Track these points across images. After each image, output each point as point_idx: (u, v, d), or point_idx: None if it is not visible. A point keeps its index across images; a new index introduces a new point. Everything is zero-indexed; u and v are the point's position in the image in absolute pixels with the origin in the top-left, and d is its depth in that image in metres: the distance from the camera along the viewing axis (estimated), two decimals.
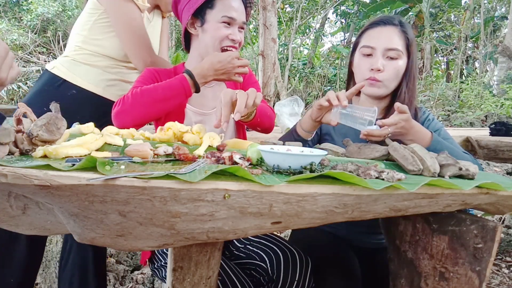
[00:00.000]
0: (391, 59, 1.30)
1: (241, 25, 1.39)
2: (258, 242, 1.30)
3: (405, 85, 1.33)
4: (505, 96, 7.92)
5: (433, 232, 0.95)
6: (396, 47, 1.30)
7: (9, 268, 1.57)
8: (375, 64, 1.30)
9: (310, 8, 12.30)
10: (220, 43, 1.37)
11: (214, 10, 1.36)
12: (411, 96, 1.33)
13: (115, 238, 0.70)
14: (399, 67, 1.31)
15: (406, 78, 1.33)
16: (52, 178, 0.59)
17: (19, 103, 0.85)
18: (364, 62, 1.33)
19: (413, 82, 1.34)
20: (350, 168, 0.82)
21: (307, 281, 1.20)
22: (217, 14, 1.35)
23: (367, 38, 1.35)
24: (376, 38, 1.32)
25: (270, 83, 6.47)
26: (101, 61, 1.64)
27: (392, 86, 1.33)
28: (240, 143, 1.03)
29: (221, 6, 1.36)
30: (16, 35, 9.58)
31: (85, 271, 1.64)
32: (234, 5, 1.37)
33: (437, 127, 1.34)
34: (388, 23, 1.33)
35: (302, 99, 9.44)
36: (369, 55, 1.32)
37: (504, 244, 2.95)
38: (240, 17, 1.38)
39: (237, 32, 1.39)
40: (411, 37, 1.33)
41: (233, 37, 1.37)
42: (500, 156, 2.06)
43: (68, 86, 1.60)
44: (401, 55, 1.31)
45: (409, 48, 1.32)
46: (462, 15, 12.82)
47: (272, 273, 1.21)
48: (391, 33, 1.31)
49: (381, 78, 1.31)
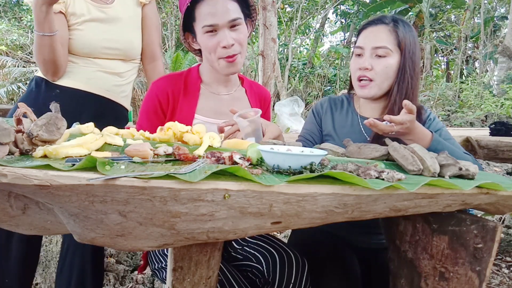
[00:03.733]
0: (380, 57, 1.29)
1: (229, 25, 1.26)
2: (255, 243, 1.30)
3: (396, 85, 1.30)
4: (505, 96, 7.93)
5: (433, 232, 0.95)
6: (384, 45, 1.28)
7: (6, 269, 1.57)
8: (362, 63, 1.30)
9: (310, 8, 12.31)
10: (214, 54, 1.28)
11: (196, 22, 1.28)
12: (411, 95, 1.31)
13: (115, 238, 0.70)
14: (388, 65, 1.29)
15: (398, 77, 1.31)
16: (52, 178, 0.59)
17: (19, 103, 0.85)
18: (354, 62, 1.35)
19: (410, 81, 1.31)
20: (350, 168, 0.82)
21: (303, 283, 1.20)
22: (199, 25, 1.26)
23: (360, 38, 1.36)
24: (366, 38, 1.33)
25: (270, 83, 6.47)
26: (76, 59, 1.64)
27: (384, 85, 1.32)
28: (240, 143, 1.03)
29: (200, 16, 1.25)
30: (16, 35, 9.58)
31: (82, 272, 1.64)
32: (212, 9, 1.23)
33: (438, 127, 1.34)
34: (378, 22, 1.33)
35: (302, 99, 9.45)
36: (359, 55, 1.33)
37: (504, 244, 2.95)
38: (223, 18, 1.24)
39: (227, 36, 1.25)
40: (403, 35, 1.30)
41: (224, 44, 1.25)
42: (500, 156, 2.06)
43: (52, 87, 1.62)
44: (390, 52, 1.29)
45: (400, 45, 1.30)
46: (462, 15, 12.82)
47: (268, 275, 1.20)
48: (380, 32, 1.31)
49: (371, 76, 1.30)
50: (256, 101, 1.48)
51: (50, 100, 1.41)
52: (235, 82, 1.45)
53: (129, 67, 1.76)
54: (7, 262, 1.57)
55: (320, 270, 1.26)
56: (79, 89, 1.64)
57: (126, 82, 1.76)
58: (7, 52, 9.06)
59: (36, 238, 1.65)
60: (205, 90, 1.40)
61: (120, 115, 1.75)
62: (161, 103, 1.34)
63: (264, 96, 1.52)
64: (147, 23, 1.79)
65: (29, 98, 1.62)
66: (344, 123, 1.43)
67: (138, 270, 1.49)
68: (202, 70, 1.42)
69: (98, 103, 1.66)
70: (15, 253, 1.58)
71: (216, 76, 1.39)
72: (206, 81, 1.41)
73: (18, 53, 9.22)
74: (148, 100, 1.36)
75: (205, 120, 1.35)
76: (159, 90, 1.35)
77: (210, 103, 1.38)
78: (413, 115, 1.11)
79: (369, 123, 1.10)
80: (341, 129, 1.42)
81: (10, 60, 8.62)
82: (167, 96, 1.34)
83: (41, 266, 2.18)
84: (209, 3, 1.24)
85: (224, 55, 1.27)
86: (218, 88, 1.41)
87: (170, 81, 1.37)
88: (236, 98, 1.44)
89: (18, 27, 10.48)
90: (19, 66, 8.55)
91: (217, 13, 1.24)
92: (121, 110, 1.76)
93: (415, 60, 1.33)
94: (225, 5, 1.24)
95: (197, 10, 1.26)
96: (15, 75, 8.11)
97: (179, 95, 1.35)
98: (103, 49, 1.65)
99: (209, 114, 1.37)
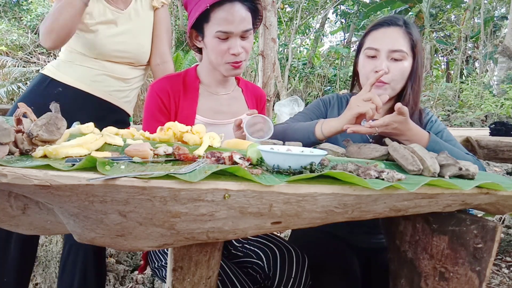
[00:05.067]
0: (396, 60, 1.28)
1: (241, 34, 1.28)
2: (255, 240, 1.31)
3: (410, 87, 1.31)
4: (505, 96, 7.93)
5: (433, 232, 0.95)
6: (401, 49, 1.28)
7: (4, 268, 1.58)
8: (379, 66, 1.28)
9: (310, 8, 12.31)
10: (222, 58, 1.30)
11: (209, 24, 1.28)
12: (415, 97, 1.32)
13: (115, 238, 0.70)
14: (404, 68, 1.29)
15: (411, 80, 1.31)
16: (52, 178, 0.59)
17: (19, 103, 0.85)
18: (368, 64, 1.32)
19: (418, 84, 1.32)
20: (350, 168, 0.82)
21: (303, 278, 1.21)
22: (212, 29, 1.26)
23: (371, 39, 1.33)
24: (380, 40, 1.30)
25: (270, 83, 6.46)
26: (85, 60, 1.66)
27: (398, 87, 1.32)
28: (240, 143, 1.03)
29: (215, 20, 1.26)
30: (16, 35, 9.58)
31: (85, 272, 1.64)
32: (229, 16, 1.24)
33: (440, 129, 1.34)
34: (392, 23, 1.31)
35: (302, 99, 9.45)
36: (373, 57, 1.31)
37: (504, 244, 2.95)
38: (238, 28, 1.25)
39: (238, 44, 1.27)
40: (416, 38, 1.30)
41: (233, 51, 1.27)
42: (500, 156, 2.06)
43: (55, 85, 1.64)
44: (406, 56, 1.28)
45: (414, 49, 1.30)
46: (462, 15, 12.82)
47: (269, 270, 1.21)
48: (396, 34, 1.29)
49: (387, 80, 1.29)
50: (252, 100, 1.50)
51: (52, 97, 1.42)
52: (232, 82, 1.47)
53: (136, 74, 1.78)
54: (5, 261, 1.58)
55: (320, 270, 1.26)
56: (82, 89, 1.65)
57: (130, 88, 1.77)
58: (7, 52, 9.06)
59: (33, 237, 1.66)
60: (203, 91, 1.40)
61: (120, 119, 1.76)
62: (164, 101, 1.35)
63: (260, 95, 1.55)
64: (158, 26, 1.81)
65: (31, 94, 1.64)
66: None
67: (139, 270, 1.49)
68: (200, 71, 1.43)
69: (98, 105, 1.68)
70: (14, 252, 1.58)
71: (215, 77, 1.40)
72: (204, 82, 1.41)
73: (18, 53, 9.22)
74: (150, 101, 1.36)
75: (205, 121, 1.36)
76: (159, 90, 1.35)
77: (209, 103, 1.39)
78: (402, 117, 1.11)
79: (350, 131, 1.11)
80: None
81: (10, 60, 8.61)
82: (168, 95, 1.35)
83: (41, 266, 2.18)
84: (228, 10, 1.25)
85: (232, 61, 1.30)
86: (217, 88, 1.42)
87: (168, 82, 1.38)
88: (234, 98, 1.46)
89: (18, 27, 10.48)
90: (19, 66, 8.54)
91: (234, 22, 1.25)
92: (121, 114, 1.77)
93: (423, 62, 1.34)
94: (241, 14, 1.26)
95: (213, 13, 1.26)
96: (15, 75, 8.10)
97: (179, 95, 1.36)
98: (114, 52, 1.67)
99: (209, 114, 1.38)
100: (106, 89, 1.68)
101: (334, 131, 1.17)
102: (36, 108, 0.87)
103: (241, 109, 1.44)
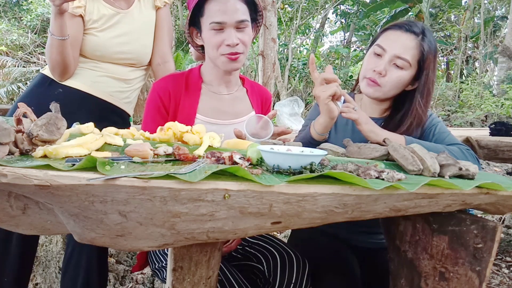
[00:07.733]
0: (397, 67, 1.28)
1: (236, 25, 1.27)
2: (256, 243, 1.30)
3: (417, 101, 1.30)
4: (505, 96, 7.94)
5: (433, 232, 0.95)
6: (406, 58, 1.26)
7: (4, 268, 1.58)
8: (378, 67, 1.29)
9: (310, 8, 12.31)
10: (217, 51, 1.29)
11: (204, 17, 1.28)
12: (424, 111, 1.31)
13: (115, 238, 0.70)
14: (401, 77, 1.28)
15: (419, 93, 1.30)
16: (52, 178, 0.59)
17: (19, 103, 0.85)
18: (371, 60, 1.32)
19: (426, 98, 1.31)
20: (350, 168, 0.82)
21: (303, 284, 1.20)
22: (207, 21, 1.27)
23: (384, 37, 1.32)
24: (391, 42, 1.29)
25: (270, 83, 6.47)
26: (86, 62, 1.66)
27: (390, 93, 1.32)
28: (240, 143, 1.03)
29: (209, 12, 1.26)
30: (16, 35, 9.58)
31: (88, 272, 1.63)
32: (223, 7, 1.24)
33: (442, 131, 1.34)
34: (409, 30, 1.28)
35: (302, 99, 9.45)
36: (378, 55, 1.31)
37: (504, 244, 2.95)
38: (232, 18, 1.25)
39: (233, 35, 1.26)
40: (428, 52, 1.28)
41: (228, 42, 1.26)
42: (500, 156, 2.06)
43: (55, 86, 1.63)
44: (408, 66, 1.27)
45: (423, 62, 1.28)
46: (462, 15, 12.82)
47: (269, 275, 1.20)
48: (408, 42, 1.27)
49: (381, 82, 1.29)
50: (257, 101, 1.48)
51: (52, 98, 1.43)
52: (236, 82, 1.45)
53: (137, 75, 1.78)
54: (5, 261, 1.58)
55: (320, 270, 1.26)
56: (82, 90, 1.65)
57: (131, 89, 1.77)
58: (7, 52, 9.06)
59: (33, 236, 1.66)
60: (206, 90, 1.40)
61: (120, 119, 1.76)
62: (163, 101, 1.34)
63: (265, 96, 1.52)
64: (160, 26, 1.81)
65: (31, 94, 1.64)
66: (345, 122, 1.43)
67: (132, 269, 1.48)
68: (203, 70, 1.42)
69: (99, 106, 1.67)
70: (13, 251, 1.58)
71: (218, 76, 1.39)
72: (207, 81, 1.40)
73: (18, 53, 9.22)
74: (150, 100, 1.36)
75: (206, 120, 1.36)
76: (160, 89, 1.35)
77: (211, 102, 1.38)
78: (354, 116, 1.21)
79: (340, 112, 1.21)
80: (342, 127, 1.42)
81: (10, 60, 8.62)
82: (168, 95, 1.34)
83: (41, 266, 2.18)
84: (220, 1, 1.26)
85: (227, 52, 1.28)
86: (219, 88, 1.41)
87: (171, 81, 1.37)
88: (237, 98, 1.44)
89: (18, 27, 10.47)
90: (19, 66, 8.55)
91: (226, 12, 1.25)
92: (122, 114, 1.77)
93: (434, 77, 1.32)
94: (235, 5, 1.26)
95: (207, 6, 1.27)
96: (15, 75, 8.10)
97: (181, 94, 1.35)
98: (116, 53, 1.66)
99: (210, 113, 1.37)
100: (107, 90, 1.68)
101: (324, 125, 1.22)
102: (36, 108, 0.87)
103: (244, 109, 1.43)
